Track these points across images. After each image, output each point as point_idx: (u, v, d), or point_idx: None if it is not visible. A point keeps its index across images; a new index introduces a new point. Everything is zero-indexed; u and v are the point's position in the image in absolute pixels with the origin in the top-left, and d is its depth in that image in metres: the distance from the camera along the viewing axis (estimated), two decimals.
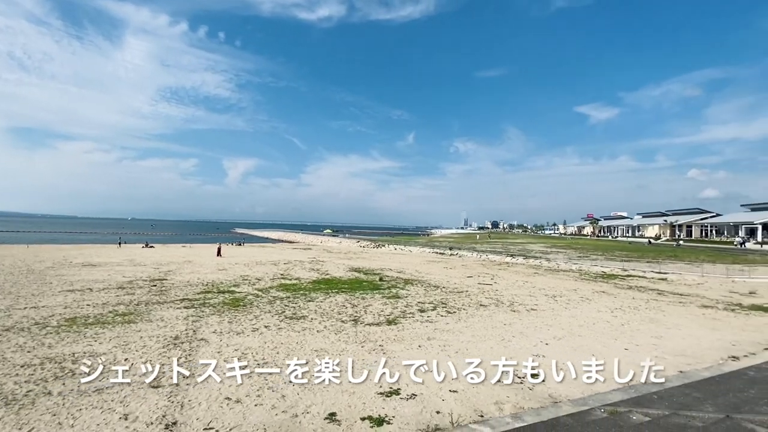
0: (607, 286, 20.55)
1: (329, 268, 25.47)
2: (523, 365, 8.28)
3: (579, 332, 11.08)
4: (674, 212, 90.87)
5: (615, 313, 13.79)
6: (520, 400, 6.53)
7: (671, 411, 5.29)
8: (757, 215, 63.46)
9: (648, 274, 26.04)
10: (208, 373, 6.81)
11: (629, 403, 5.96)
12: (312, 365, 7.87)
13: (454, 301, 15.24)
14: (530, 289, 19.07)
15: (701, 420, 4.86)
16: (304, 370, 7.60)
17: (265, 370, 7.51)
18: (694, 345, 10.02)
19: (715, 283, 22.19)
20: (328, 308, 13.24)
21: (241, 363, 7.85)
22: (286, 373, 7.14)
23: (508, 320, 12.33)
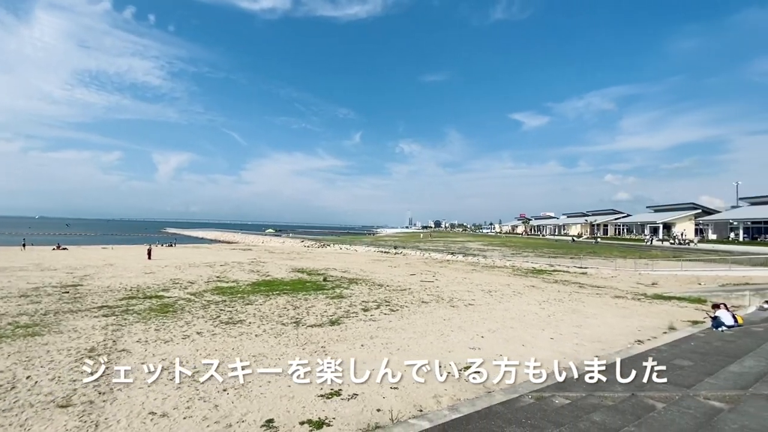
0: (536, 281, 22.23)
1: (270, 269, 24.58)
2: (460, 358, 8.67)
3: (511, 324, 11.84)
4: (593, 213, 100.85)
5: (543, 305, 14.94)
6: (457, 392, 6.80)
7: (587, 393, 5.85)
8: (659, 216, 72.75)
9: (571, 269, 28.61)
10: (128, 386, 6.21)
11: (553, 388, 6.47)
12: (250, 371, 7.53)
13: (397, 299, 15.48)
14: (469, 285, 20.00)
15: (612, 399, 5.44)
16: (243, 373, 7.24)
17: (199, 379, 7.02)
18: (607, 332, 11.18)
19: (626, 276, 25.01)
20: (268, 311, 12.75)
21: (170, 373, 7.28)
22: (220, 381, 6.75)
23: (448, 315, 12.80)
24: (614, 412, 4.73)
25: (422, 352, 9.02)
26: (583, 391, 5.95)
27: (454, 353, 8.99)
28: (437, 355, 8.78)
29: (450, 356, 8.76)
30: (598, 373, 7.29)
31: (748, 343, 8.27)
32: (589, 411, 4.90)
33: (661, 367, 7.21)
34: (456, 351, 9.17)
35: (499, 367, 8.14)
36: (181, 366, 7.69)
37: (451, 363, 8.32)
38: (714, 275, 23.70)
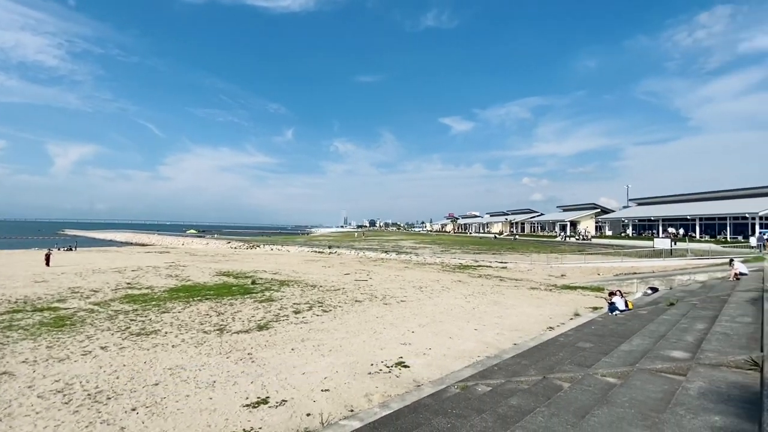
0: (463, 276, 23.52)
1: (192, 274, 22.71)
2: (392, 354, 8.82)
3: (440, 318, 12.35)
4: (513, 212, 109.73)
5: (468, 298, 15.84)
6: (388, 388, 6.87)
7: (506, 379, 6.30)
8: (567, 215, 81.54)
9: (493, 264, 30.78)
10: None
11: (476, 377, 6.87)
12: (164, 386, 6.86)
13: (330, 299, 15.28)
14: (401, 282, 20.46)
15: (526, 383, 5.92)
16: (153, 392, 6.55)
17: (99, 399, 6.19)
18: (524, 321, 12.19)
19: (540, 269, 27.57)
20: (187, 319, 11.74)
21: (65, 396, 6.35)
22: (127, 400, 6.03)
23: (381, 313, 12.95)
24: (528, 395, 5.15)
25: (355, 351, 9.00)
26: (503, 378, 6.39)
27: (387, 350, 9.12)
28: (370, 354, 8.84)
29: (382, 353, 8.86)
30: (516, 358, 7.91)
31: (636, 324, 9.59)
32: (507, 396, 5.27)
33: (568, 350, 8.04)
34: (388, 348, 9.31)
35: (428, 360, 8.45)
36: (80, 386, 6.75)
37: (383, 360, 8.46)
38: (610, 266, 27.18)
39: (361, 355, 8.76)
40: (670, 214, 53.53)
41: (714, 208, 48.34)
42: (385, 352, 8.94)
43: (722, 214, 45.83)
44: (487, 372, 7.09)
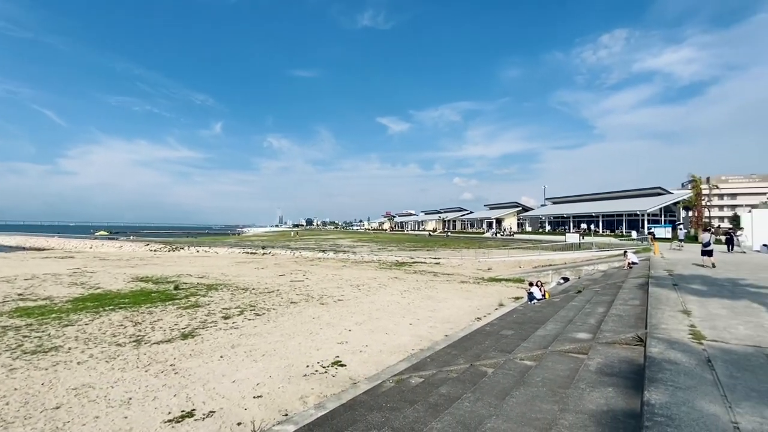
0: (399, 273, 24.12)
1: (102, 280, 20.33)
2: (328, 354, 8.77)
3: (377, 315, 12.54)
4: (445, 210, 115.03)
5: (404, 294, 16.30)
6: (324, 389, 6.83)
7: (437, 369, 6.64)
8: (493, 213, 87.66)
9: (427, 260, 32.00)
10: None
11: (410, 369, 7.12)
12: (68, 408, 6.08)
13: (264, 302, 14.69)
14: (338, 281, 20.37)
15: (456, 372, 6.30)
16: (53, 416, 5.77)
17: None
18: (455, 313, 12.88)
19: (469, 264, 29.28)
20: (96, 331, 10.50)
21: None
22: (20, 429, 5.25)
23: (317, 313, 12.78)
24: (457, 383, 5.48)
25: (290, 354, 8.79)
26: (435, 368, 6.71)
27: (323, 350, 9.04)
28: (306, 355, 8.70)
29: (318, 354, 8.76)
30: (447, 349, 8.34)
31: (550, 311, 10.67)
32: (438, 385, 5.55)
33: (493, 339, 8.69)
34: (324, 348, 9.23)
35: (365, 357, 8.55)
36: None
37: (320, 361, 8.38)
38: (530, 260, 29.79)
39: (296, 357, 8.58)
40: (579, 212, 60.18)
41: (613, 206, 55.33)
42: (322, 353, 8.86)
43: (619, 212, 52.65)
44: (420, 364, 7.38)
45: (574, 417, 3.42)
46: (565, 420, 3.37)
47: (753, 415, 2.96)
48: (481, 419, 3.82)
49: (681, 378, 3.61)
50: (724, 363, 4.03)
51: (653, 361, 4.04)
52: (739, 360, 4.14)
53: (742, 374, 3.76)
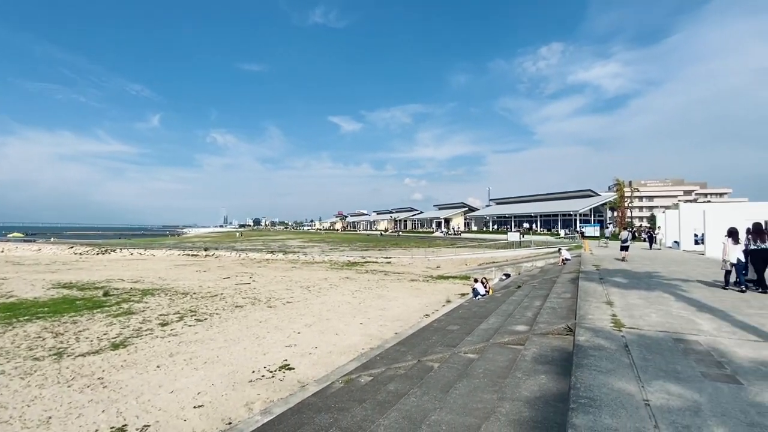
0: (351, 273, 24.07)
1: (16, 288, 18.06)
2: (276, 358, 8.52)
3: (327, 316, 12.42)
4: (397, 210, 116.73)
5: (355, 294, 16.30)
6: (271, 394, 6.63)
7: (386, 367, 6.73)
8: (442, 213, 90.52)
9: (379, 259, 32.27)
10: None
11: (360, 369, 7.14)
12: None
13: (206, 306, 13.92)
14: (288, 283, 19.87)
15: (404, 368, 6.43)
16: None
17: None
18: (405, 311, 13.13)
19: (419, 262, 29.98)
20: (8, 345, 9.31)
21: None
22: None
23: (265, 317, 12.37)
24: (405, 379, 5.60)
25: (234, 360, 8.42)
26: (383, 366, 6.79)
27: (270, 355, 8.77)
28: (252, 360, 8.38)
29: (265, 359, 8.49)
30: (397, 346, 8.48)
31: (493, 306, 11.25)
32: (386, 383, 5.63)
33: (440, 334, 8.98)
34: (272, 352, 8.96)
35: (315, 359, 8.43)
36: None
37: (267, 365, 8.12)
38: (475, 257, 31.16)
39: (241, 363, 8.24)
40: (519, 212, 64.02)
41: (550, 207, 59.54)
42: (269, 357, 8.60)
43: (555, 212, 56.78)
44: (369, 363, 7.43)
45: (510, 404, 3.65)
46: (503, 408, 3.59)
47: (661, 392, 3.35)
48: (426, 413, 3.94)
49: (603, 362, 4.00)
50: (638, 347, 4.51)
51: (580, 348, 4.43)
52: (651, 344, 4.66)
53: (653, 357, 4.23)
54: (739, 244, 8.63)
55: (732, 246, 8.61)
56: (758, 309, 6.61)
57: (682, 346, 4.56)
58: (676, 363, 4.02)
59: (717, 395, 3.27)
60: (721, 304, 7.01)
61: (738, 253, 8.54)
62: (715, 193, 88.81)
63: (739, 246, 8.61)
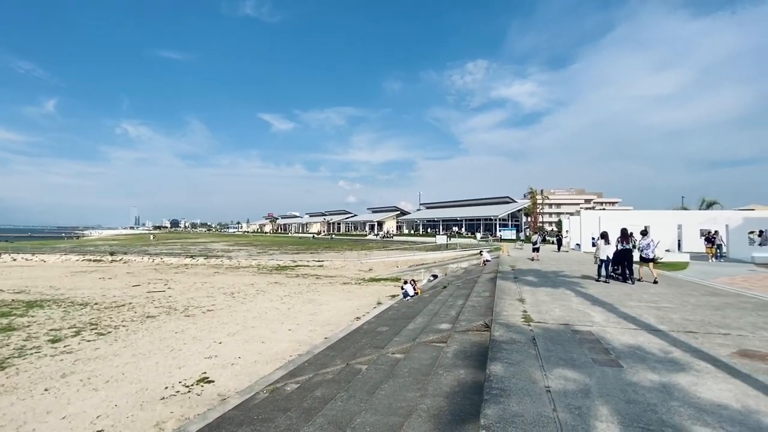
0: (280, 277, 23.24)
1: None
2: (193, 372, 7.88)
3: (253, 324, 11.83)
4: (330, 212, 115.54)
5: (284, 300, 15.76)
6: (186, 410, 6.13)
7: (314, 373, 6.61)
8: (375, 216, 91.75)
9: (311, 263, 31.62)
10: None
11: (287, 377, 6.92)
12: None
13: (110, 318, 12.41)
14: (209, 289, 18.54)
15: (332, 373, 6.38)
16: None
17: None
18: (336, 315, 13.03)
19: (352, 265, 29.99)
20: None
21: None
22: None
23: (181, 327, 11.40)
24: (333, 384, 5.56)
25: (144, 376, 7.63)
26: (311, 372, 6.66)
27: (187, 368, 8.10)
28: (165, 376, 7.66)
29: (181, 373, 7.81)
30: (326, 351, 8.38)
31: (420, 306, 11.68)
32: (313, 389, 5.53)
33: (369, 336, 9.07)
34: (189, 365, 8.29)
35: (237, 369, 7.97)
36: None
37: (182, 380, 7.48)
38: (406, 259, 32.08)
39: (152, 379, 7.49)
40: (447, 216, 67.46)
41: (474, 212, 63.66)
42: (185, 371, 7.93)
43: (478, 217, 60.87)
44: (297, 370, 7.23)
45: (432, 400, 3.83)
46: (424, 404, 3.75)
47: (559, 379, 3.76)
48: (352, 416, 3.95)
49: (513, 355, 4.38)
50: (544, 340, 5.03)
51: (495, 343, 4.80)
52: (554, 336, 5.22)
53: (554, 347, 4.74)
54: (609, 245, 10.49)
55: (603, 246, 10.47)
56: (638, 302, 7.76)
57: (579, 337, 5.18)
58: (573, 352, 4.56)
59: (603, 378, 3.77)
60: (610, 298, 8.10)
61: (608, 252, 10.45)
62: (608, 202, 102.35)
63: (609, 246, 10.48)
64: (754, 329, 5.68)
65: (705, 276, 12.73)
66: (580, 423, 2.88)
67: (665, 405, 3.19)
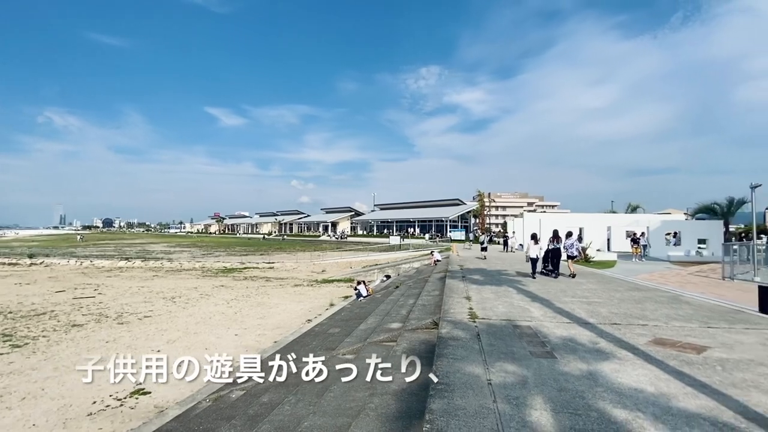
0: (227, 280, 22.20)
1: None
2: (126, 383, 7.29)
3: (195, 330, 11.19)
4: (282, 213, 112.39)
5: (230, 303, 15.08)
6: (118, 426, 5.67)
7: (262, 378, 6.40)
8: (329, 216, 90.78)
9: (260, 264, 30.55)
10: None
11: (232, 383, 6.62)
12: None
13: (27, 328, 11.12)
14: (147, 294, 17.26)
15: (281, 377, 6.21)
16: None
17: None
18: (287, 318, 12.71)
19: (304, 267, 29.41)
20: None
21: None
22: None
23: (113, 336, 10.50)
24: (281, 388, 5.41)
25: (68, 391, 6.93)
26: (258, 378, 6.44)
27: (118, 381, 7.47)
28: (93, 389, 6.99)
29: (111, 386, 7.18)
30: (273, 355, 8.13)
31: (373, 306, 11.74)
32: (260, 395, 5.35)
33: (321, 338, 8.95)
34: (120, 377, 7.64)
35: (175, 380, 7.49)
36: None
37: (113, 393, 6.89)
38: (360, 260, 32.07)
39: (78, 394, 6.82)
40: (401, 217, 68.50)
41: (426, 213, 65.24)
42: (115, 384, 7.30)
43: (430, 218, 62.48)
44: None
45: (380, 399, 3.87)
46: (373, 403, 3.78)
47: (500, 372, 3.97)
48: (299, 420, 3.89)
49: (459, 351, 4.55)
50: (487, 335, 5.28)
51: (442, 339, 4.96)
52: (496, 332, 5.51)
53: (496, 342, 5.00)
54: (537, 245, 11.71)
55: (533, 246, 11.70)
56: (572, 297, 8.40)
57: (518, 331, 5.51)
58: (513, 346, 4.84)
59: (539, 369, 4.04)
60: (548, 294, 8.69)
61: (537, 251, 11.68)
62: (548, 205, 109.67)
63: (537, 246, 11.70)
64: (668, 320, 6.38)
65: (629, 273, 14.10)
66: (517, 412, 3.06)
67: (591, 391, 3.49)
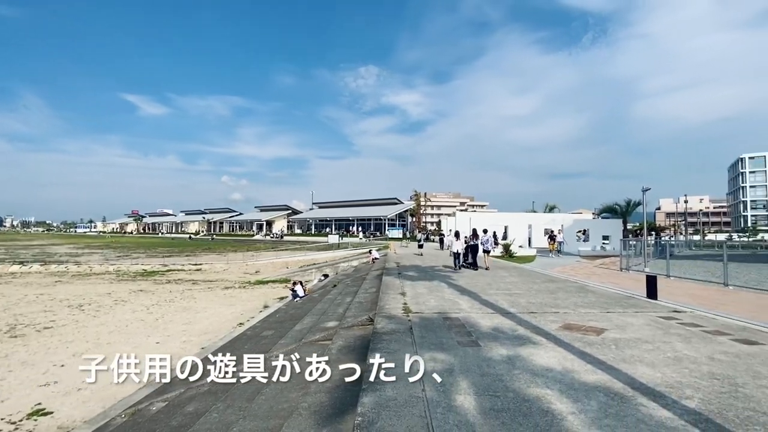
0: (146, 284, 20.30)
1: None
2: (22, 405, 6.37)
3: (108, 339, 10.11)
4: (211, 211, 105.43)
5: (151, 309, 13.84)
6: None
7: (186, 387, 5.99)
8: (264, 215, 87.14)
9: (186, 266, 28.39)
10: None
11: (153, 395, 6.11)
12: None
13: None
14: (47, 302, 15.16)
15: (207, 384, 5.87)
16: None
17: None
18: (216, 322, 12.00)
19: (236, 268, 27.93)
20: None
21: None
22: None
23: (5, 351, 9.09)
24: (208, 396, 5.13)
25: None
26: (183, 386, 6.03)
27: (12, 401, 6.55)
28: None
29: (2, 408, 6.23)
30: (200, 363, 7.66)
31: (309, 306, 11.56)
32: (185, 405, 5.03)
33: (253, 341, 8.62)
34: (15, 397, 6.69)
35: (86, 394, 6.72)
36: None
37: (5, 416, 5.99)
38: (297, 260, 31.29)
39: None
40: (340, 216, 68.13)
41: (365, 212, 65.67)
42: (10, 404, 6.39)
43: (369, 217, 63.03)
44: (166, 386, 6.45)
45: (313, 397, 3.87)
46: (306, 402, 3.77)
47: (430, 361, 4.19)
48: (228, 426, 3.74)
49: (392, 344, 4.71)
50: (419, 328, 5.52)
51: (376, 334, 5.09)
52: (428, 324, 5.78)
53: (427, 333, 5.25)
54: (459, 241, 13.35)
55: (455, 242, 13.43)
56: (496, 290, 9.08)
57: (448, 323, 5.84)
58: (443, 337, 5.12)
59: (465, 357, 4.33)
60: (475, 288, 9.30)
61: (458, 247, 13.29)
62: (478, 205, 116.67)
63: (459, 242, 13.32)
64: (576, 307, 7.20)
65: (546, 267, 15.59)
66: (443, 398, 3.27)
67: (510, 374, 3.84)
